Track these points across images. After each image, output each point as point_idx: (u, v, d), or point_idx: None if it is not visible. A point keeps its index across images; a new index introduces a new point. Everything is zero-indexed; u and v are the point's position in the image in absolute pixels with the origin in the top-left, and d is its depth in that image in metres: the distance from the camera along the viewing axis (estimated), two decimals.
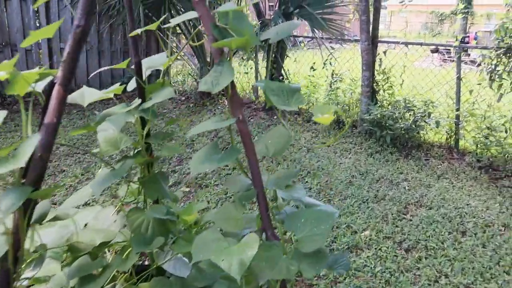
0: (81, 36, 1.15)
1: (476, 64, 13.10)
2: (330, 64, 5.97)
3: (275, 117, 6.38)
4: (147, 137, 1.52)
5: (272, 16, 6.29)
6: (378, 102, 5.41)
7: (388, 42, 5.98)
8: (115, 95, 1.48)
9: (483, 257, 2.83)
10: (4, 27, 6.42)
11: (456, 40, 4.83)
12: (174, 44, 7.27)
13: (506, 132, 4.47)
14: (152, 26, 1.28)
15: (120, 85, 1.49)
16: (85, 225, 1.50)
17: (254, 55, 6.79)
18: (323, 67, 6.03)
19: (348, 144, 5.12)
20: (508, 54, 4.07)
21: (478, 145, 4.69)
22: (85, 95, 1.41)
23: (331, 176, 4.17)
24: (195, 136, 5.17)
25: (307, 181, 4.03)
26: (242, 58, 7.13)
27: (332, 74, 6.01)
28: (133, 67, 1.47)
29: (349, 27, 7.62)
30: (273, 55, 6.41)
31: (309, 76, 6.43)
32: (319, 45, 5.81)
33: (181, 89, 7.90)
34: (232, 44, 1.10)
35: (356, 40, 6.03)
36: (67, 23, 6.80)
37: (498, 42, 4.19)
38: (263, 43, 6.17)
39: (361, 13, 5.27)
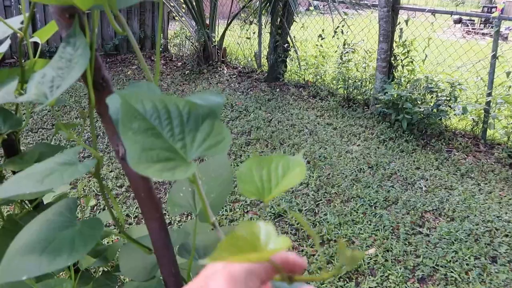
0: None
1: (503, 38, 12.17)
2: (342, 32, 5.18)
3: (277, 89, 5.67)
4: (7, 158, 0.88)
5: None
6: (395, 80, 4.67)
7: (412, 9, 5.14)
8: None
9: None
10: None
11: (491, 10, 4.01)
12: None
13: None
14: None
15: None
16: None
17: (258, 18, 6.01)
18: (334, 36, 5.25)
19: (358, 128, 4.43)
20: None
21: (510, 137, 3.98)
22: None
23: (334, 169, 3.51)
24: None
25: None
26: (244, 21, 6.34)
27: (344, 44, 5.24)
28: None
29: None
30: (279, 19, 5.64)
31: (316, 45, 5.65)
32: (330, 10, 5.01)
33: (180, 53, 7.18)
34: None
35: (373, 6, 5.20)
36: None
37: None
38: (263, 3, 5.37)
39: None
